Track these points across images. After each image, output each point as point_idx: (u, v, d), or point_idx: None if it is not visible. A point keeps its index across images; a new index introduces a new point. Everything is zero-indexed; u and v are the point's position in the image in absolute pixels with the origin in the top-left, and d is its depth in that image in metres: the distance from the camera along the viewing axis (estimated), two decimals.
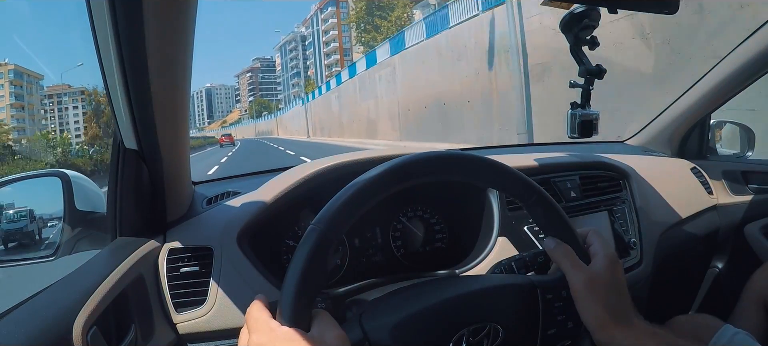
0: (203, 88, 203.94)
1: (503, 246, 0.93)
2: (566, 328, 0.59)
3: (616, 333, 0.55)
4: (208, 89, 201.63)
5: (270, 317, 0.48)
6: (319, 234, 0.48)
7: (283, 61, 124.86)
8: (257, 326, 0.47)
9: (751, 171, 1.45)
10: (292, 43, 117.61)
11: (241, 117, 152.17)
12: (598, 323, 0.55)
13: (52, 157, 33.19)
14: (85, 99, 62.39)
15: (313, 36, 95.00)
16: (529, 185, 0.59)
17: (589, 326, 0.56)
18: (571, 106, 0.98)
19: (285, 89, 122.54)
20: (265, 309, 0.49)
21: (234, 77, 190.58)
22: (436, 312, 0.55)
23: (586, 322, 0.56)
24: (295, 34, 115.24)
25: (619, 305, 0.56)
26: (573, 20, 0.87)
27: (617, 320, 0.55)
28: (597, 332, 0.55)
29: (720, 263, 1.50)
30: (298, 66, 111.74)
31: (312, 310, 0.49)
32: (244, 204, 0.87)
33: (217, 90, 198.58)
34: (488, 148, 1.68)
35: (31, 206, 0.87)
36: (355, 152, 0.96)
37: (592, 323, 0.56)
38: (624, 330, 0.55)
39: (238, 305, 0.77)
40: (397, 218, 1.02)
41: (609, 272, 0.57)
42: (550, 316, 0.59)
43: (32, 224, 0.86)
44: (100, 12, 0.52)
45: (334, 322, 0.48)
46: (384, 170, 0.52)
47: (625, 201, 1.16)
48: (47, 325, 0.52)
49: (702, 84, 1.41)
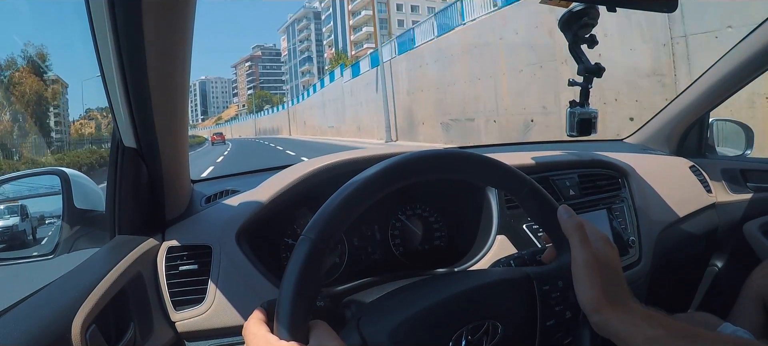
0: (197, 81, 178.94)
1: (502, 244, 0.93)
2: (564, 318, 0.59)
3: (611, 315, 0.55)
4: (202, 82, 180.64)
5: (268, 331, 0.47)
6: (311, 244, 0.47)
7: (290, 45, 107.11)
8: (256, 342, 0.47)
9: (749, 169, 1.45)
10: (302, 22, 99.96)
11: (239, 113, 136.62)
12: (594, 305, 0.55)
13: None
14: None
15: (334, 5, 78.54)
16: (520, 178, 0.59)
17: (586, 308, 0.56)
18: (570, 104, 0.99)
19: (293, 78, 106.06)
20: (263, 324, 0.48)
21: (231, 68, 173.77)
22: (434, 313, 0.54)
23: (582, 303, 0.56)
24: (306, 10, 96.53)
25: (613, 287, 0.56)
26: (572, 18, 0.87)
27: (613, 302, 0.55)
28: (593, 313, 0.56)
29: (719, 262, 1.50)
30: (309, 49, 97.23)
31: (310, 321, 0.48)
32: (243, 203, 0.87)
33: (213, 83, 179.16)
34: (487, 146, 1.68)
35: (29, 204, 0.87)
36: (354, 150, 0.96)
37: (589, 304, 0.56)
38: (619, 313, 0.55)
39: (237, 304, 0.77)
40: (396, 217, 1.02)
41: (607, 254, 0.58)
42: (548, 307, 0.59)
43: (24, 223, 0.86)
44: (99, 11, 0.52)
45: (332, 332, 0.48)
46: (373, 173, 0.52)
47: (624, 199, 1.16)
48: (46, 323, 0.52)
49: (700, 82, 1.42)
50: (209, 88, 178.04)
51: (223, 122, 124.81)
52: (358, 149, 0.99)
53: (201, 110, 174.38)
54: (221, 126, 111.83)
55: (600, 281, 0.56)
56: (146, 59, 0.55)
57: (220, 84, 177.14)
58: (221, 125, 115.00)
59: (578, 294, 0.57)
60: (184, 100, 0.68)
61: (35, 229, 0.87)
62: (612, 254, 0.58)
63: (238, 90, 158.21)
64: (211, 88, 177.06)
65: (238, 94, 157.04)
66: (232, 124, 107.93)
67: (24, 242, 0.86)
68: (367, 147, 1.05)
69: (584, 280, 0.56)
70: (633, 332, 0.54)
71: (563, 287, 0.58)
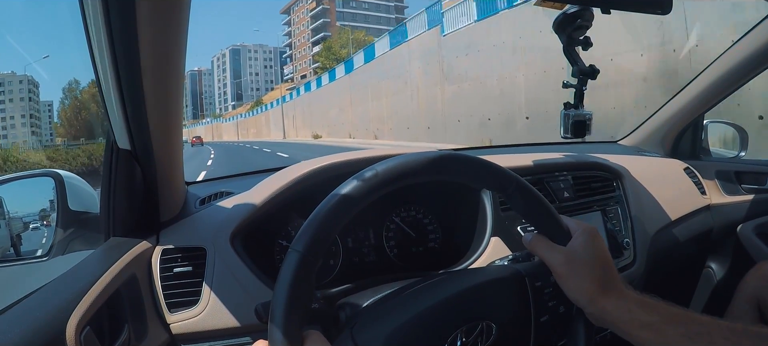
0: (227, 49, 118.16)
1: (496, 246, 0.93)
2: (558, 313, 0.59)
3: (606, 304, 0.55)
4: (234, 50, 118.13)
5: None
6: (300, 257, 0.47)
7: None
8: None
9: (744, 171, 1.46)
10: None
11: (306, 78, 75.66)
12: (586, 298, 0.56)
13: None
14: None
15: None
16: (506, 175, 0.59)
17: (579, 302, 0.56)
18: (564, 106, 0.99)
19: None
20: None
21: (282, 24, 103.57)
22: (427, 317, 0.54)
23: (575, 299, 0.57)
24: None
25: (604, 276, 0.56)
26: (566, 21, 0.88)
27: (605, 291, 0.55)
28: (587, 305, 0.56)
29: (713, 263, 1.51)
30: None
31: (303, 332, 0.48)
32: (237, 204, 0.87)
33: (251, 52, 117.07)
34: (481, 148, 1.69)
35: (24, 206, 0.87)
36: (349, 152, 0.96)
37: (581, 298, 0.56)
38: (613, 300, 0.55)
39: (231, 306, 0.77)
40: (391, 219, 1.02)
41: (589, 246, 0.57)
42: (541, 303, 0.59)
43: (2, 229, 0.85)
44: (93, 11, 0.52)
45: (327, 342, 0.48)
46: (358, 182, 0.51)
47: (619, 201, 1.17)
48: (40, 325, 0.52)
49: (695, 84, 1.42)
50: (244, 58, 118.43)
51: (263, 107, 66.37)
52: (352, 151, 0.99)
53: (233, 92, 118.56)
54: (261, 112, 63.81)
55: (586, 274, 0.56)
56: (140, 60, 0.55)
57: (261, 53, 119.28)
58: (261, 111, 63.79)
59: (567, 293, 0.57)
60: (179, 101, 0.68)
61: (20, 236, 0.86)
62: (594, 244, 0.58)
63: (294, 46, 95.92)
64: (249, 58, 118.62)
65: (294, 57, 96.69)
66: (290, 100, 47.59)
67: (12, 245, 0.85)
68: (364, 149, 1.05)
69: (567, 278, 0.57)
70: (628, 319, 0.54)
71: (555, 282, 0.59)
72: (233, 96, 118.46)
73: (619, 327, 0.55)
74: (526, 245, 0.62)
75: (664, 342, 0.53)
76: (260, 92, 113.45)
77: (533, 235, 0.61)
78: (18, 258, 0.84)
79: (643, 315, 0.54)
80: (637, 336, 0.54)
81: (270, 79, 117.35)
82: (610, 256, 0.59)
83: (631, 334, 0.54)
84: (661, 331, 0.53)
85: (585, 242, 0.57)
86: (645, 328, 0.53)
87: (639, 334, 0.54)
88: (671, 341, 0.52)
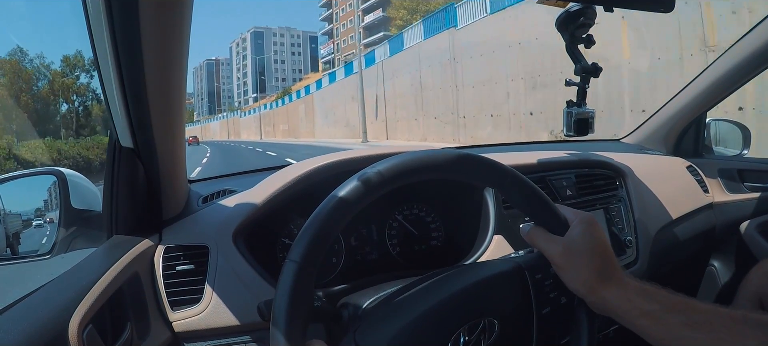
0: (247, 33, 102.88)
1: (499, 244, 0.93)
2: (560, 304, 0.59)
3: (606, 293, 0.55)
4: (255, 33, 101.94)
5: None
6: (297, 267, 0.47)
7: None
8: None
9: (746, 169, 1.46)
10: None
11: (338, 64, 62.36)
12: (586, 288, 0.55)
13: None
14: None
15: None
16: (501, 170, 0.58)
17: (579, 292, 0.56)
18: (567, 104, 0.99)
19: None
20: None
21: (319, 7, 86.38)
22: (430, 317, 0.54)
23: (574, 290, 0.56)
24: None
25: (603, 265, 0.56)
26: (569, 18, 0.87)
27: (605, 280, 0.55)
28: (587, 295, 0.56)
29: (716, 262, 1.51)
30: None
31: (305, 341, 0.48)
32: (240, 203, 0.87)
33: (277, 36, 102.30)
34: (483, 146, 1.68)
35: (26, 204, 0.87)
36: (350, 150, 0.96)
37: (581, 288, 0.56)
38: (613, 289, 0.55)
39: (234, 304, 0.77)
40: (393, 216, 1.02)
41: (587, 235, 0.57)
42: (543, 295, 0.59)
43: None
44: (96, 10, 0.52)
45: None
46: (357, 183, 0.51)
47: (621, 199, 1.16)
48: (43, 323, 0.52)
49: (697, 82, 1.42)
50: (268, 44, 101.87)
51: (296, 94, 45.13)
52: (354, 149, 0.99)
53: (255, 83, 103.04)
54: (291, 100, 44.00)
55: (584, 263, 0.56)
56: (143, 58, 0.55)
57: (289, 37, 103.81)
58: (283, 103, 47.35)
59: (567, 284, 0.57)
60: (181, 99, 0.68)
61: (19, 235, 0.86)
62: (592, 234, 0.57)
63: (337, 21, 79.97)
64: (276, 43, 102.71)
65: (335, 34, 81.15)
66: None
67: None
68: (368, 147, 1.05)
69: (566, 269, 0.57)
70: (628, 308, 0.54)
71: (555, 274, 0.58)
72: (254, 87, 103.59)
73: (619, 316, 0.55)
74: (524, 237, 0.62)
75: (664, 330, 0.52)
76: (287, 82, 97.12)
77: (531, 226, 0.61)
78: (17, 257, 0.84)
79: (644, 304, 0.54)
80: (638, 325, 0.54)
81: (298, 69, 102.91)
82: (610, 244, 0.59)
83: (632, 322, 0.54)
84: (662, 319, 0.53)
85: (583, 231, 0.57)
86: (645, 316, 0.53)
87: (640, 322, 0.53)
88: (672, 329, 0.52)
